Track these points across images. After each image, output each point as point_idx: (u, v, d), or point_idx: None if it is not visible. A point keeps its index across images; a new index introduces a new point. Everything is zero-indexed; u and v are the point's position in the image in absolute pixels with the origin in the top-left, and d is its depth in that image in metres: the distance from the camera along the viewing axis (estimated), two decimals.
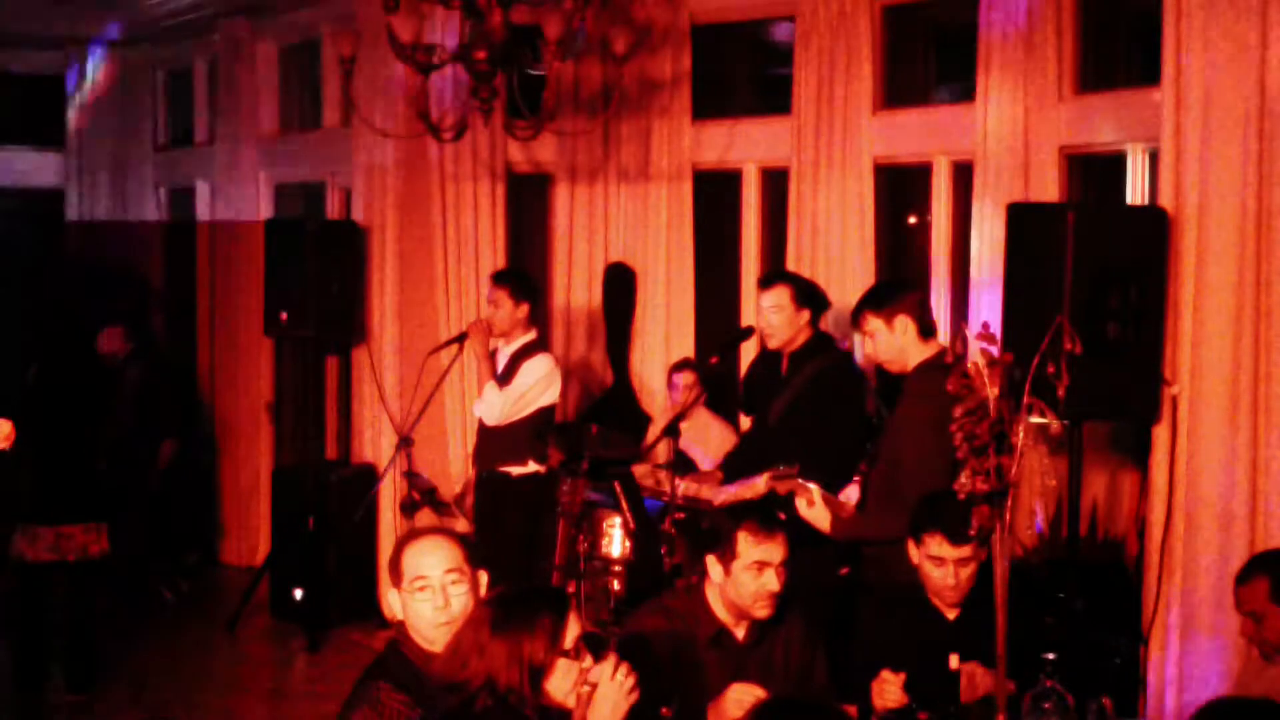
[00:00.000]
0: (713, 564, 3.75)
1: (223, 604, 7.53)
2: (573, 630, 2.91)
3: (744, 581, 3.69)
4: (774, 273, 5.71)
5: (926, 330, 4.57)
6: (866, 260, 6.31)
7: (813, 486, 4.44)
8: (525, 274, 6.49)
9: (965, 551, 3.78)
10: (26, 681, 6.10)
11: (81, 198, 10.04)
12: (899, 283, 4.96)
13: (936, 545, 3.80)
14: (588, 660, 2.92)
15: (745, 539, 3.67)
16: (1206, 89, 4.72)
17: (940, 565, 3.81)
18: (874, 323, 4.55)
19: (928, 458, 4.23)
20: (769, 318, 5.27)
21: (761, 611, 3.72)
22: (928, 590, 3.88)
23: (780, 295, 5.25)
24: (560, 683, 2.88)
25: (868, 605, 4.22)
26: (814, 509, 4.40)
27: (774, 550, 3.68)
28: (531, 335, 6.19)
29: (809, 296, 5.32)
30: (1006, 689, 3.24)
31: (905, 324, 4.51)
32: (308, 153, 8.33)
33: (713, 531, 3.82)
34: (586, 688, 2.90)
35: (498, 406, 6.03)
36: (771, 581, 3.67)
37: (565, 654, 2.88)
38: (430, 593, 3.14)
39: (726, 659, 3.75)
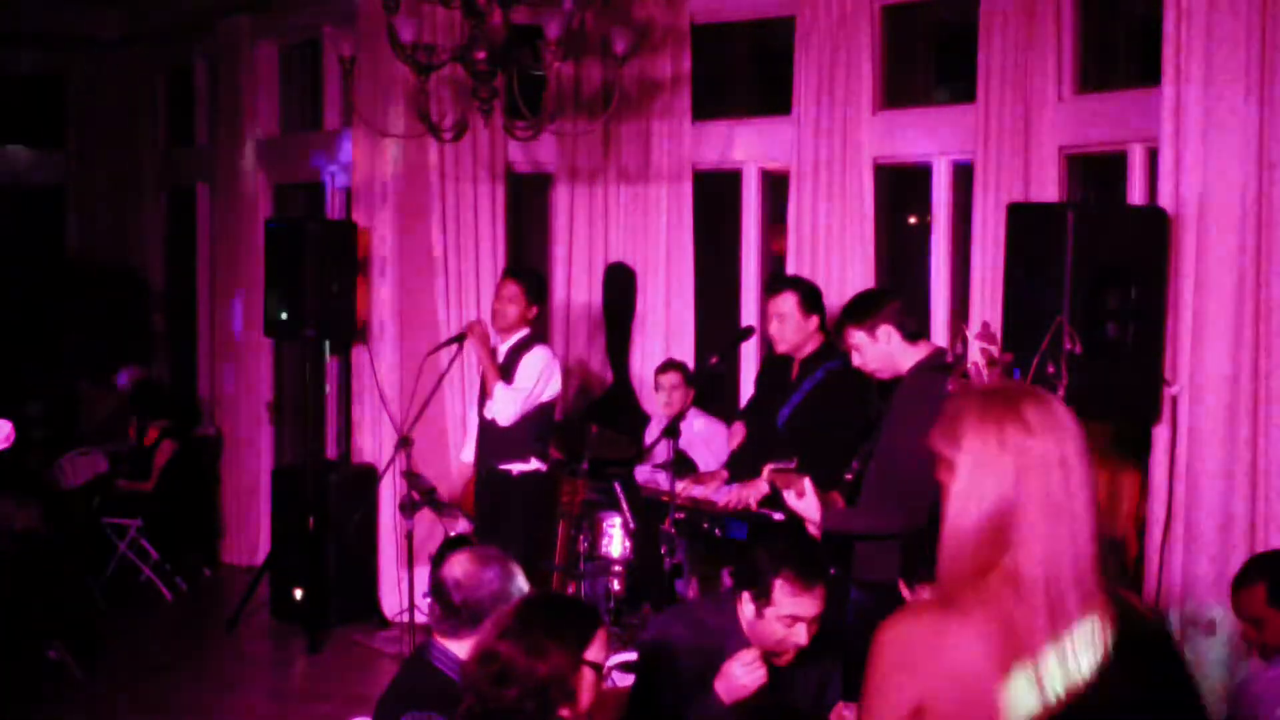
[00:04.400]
0: (746, 601, 3.70)
1: (223, 604, 7.53)
2: (605, 650, 2.93)
3: (774, 629, 3.61)
4: (779, 279, 5.65)
5: (910, 334, 4.53)
6: (866, 260, 6.32)
7: (804, 479, 4.43)
8: (539, 275, 6.51)
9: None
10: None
11: (81, 198, 10.05)
12: (877, 293, 4.91)
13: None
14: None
15: (782, 589, 3.57)
16: (1206, 89, 4.72)
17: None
18: (857, 336, 4.52)
19: (924, 456, 4.22)
20: (776, 325, 5.25)
21: (782, 658, 3.67)
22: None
23: (787, 302, 5.23)
24: (585, 697, 2.90)
25: (866, 605, 4.21)
26: (804, 500, 4.38)
27: (810, 605, 3.57)
28: (527, 330, 6.21)
29: (816, 301, 5.30)
30: None
31: (888, 332, 4.48)
32: (308, 153, 8.33)
33: (750, 567, 3.74)
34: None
35: (509, 405, 6.03)
36: (800, 635, 3.58)
37: (599, 670, 2.89)
38: None
39: None
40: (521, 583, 3.31)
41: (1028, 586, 1.93)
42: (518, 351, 6.14)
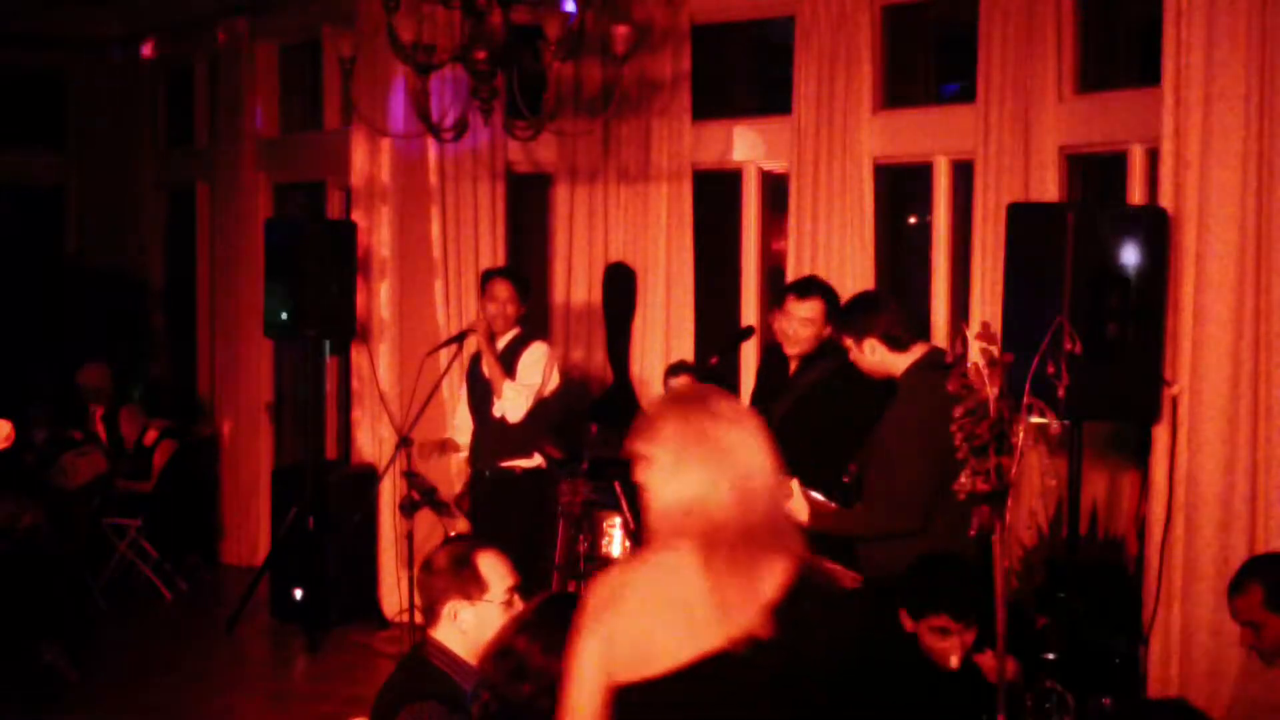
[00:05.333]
0: None
1: (223, 604, 7.53)
2: None
3: None
4: (811, 284, 5.43)
5: (897, 344, 4.52)
6: (866, 260, 6.31)
7: (793, 482, 4.44)
8: (523, 274, 6.54)
9: (969, 621, 3.73)
10: None
11: (82, 198, 10.04)
12: (868, 302, 4.82)
13: (942, 623, 3.74)
14: None
15: None
16: (1206, 89, 4.72)
17: (945, 638, 3.76)
18: (848, 342, 4.58)
19: (911, 458, 4.23)
20: (799, 329, 5.18)
21: None
22: (930, 654, 3.82)
23: (816, 308, 5.14)
24: None
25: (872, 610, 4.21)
26: (791, 501, 4.39)
27: None
28: (519, 328, 6.25)
29: (838, 311, 5.27)
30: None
31: (873, 346, 4.50)
32: (308, 153, 8.33)
33: None
34: None
35: (519, 400, 6.05)
36: None
37: None
38: (516, 599, 3.16)
39: None
40: (488, 572, 3.25)
41: (717, 551, 2.22)
42: (515, 349, 6.17)
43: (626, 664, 2.23)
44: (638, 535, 6.08)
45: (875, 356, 4.51)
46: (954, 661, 3.69)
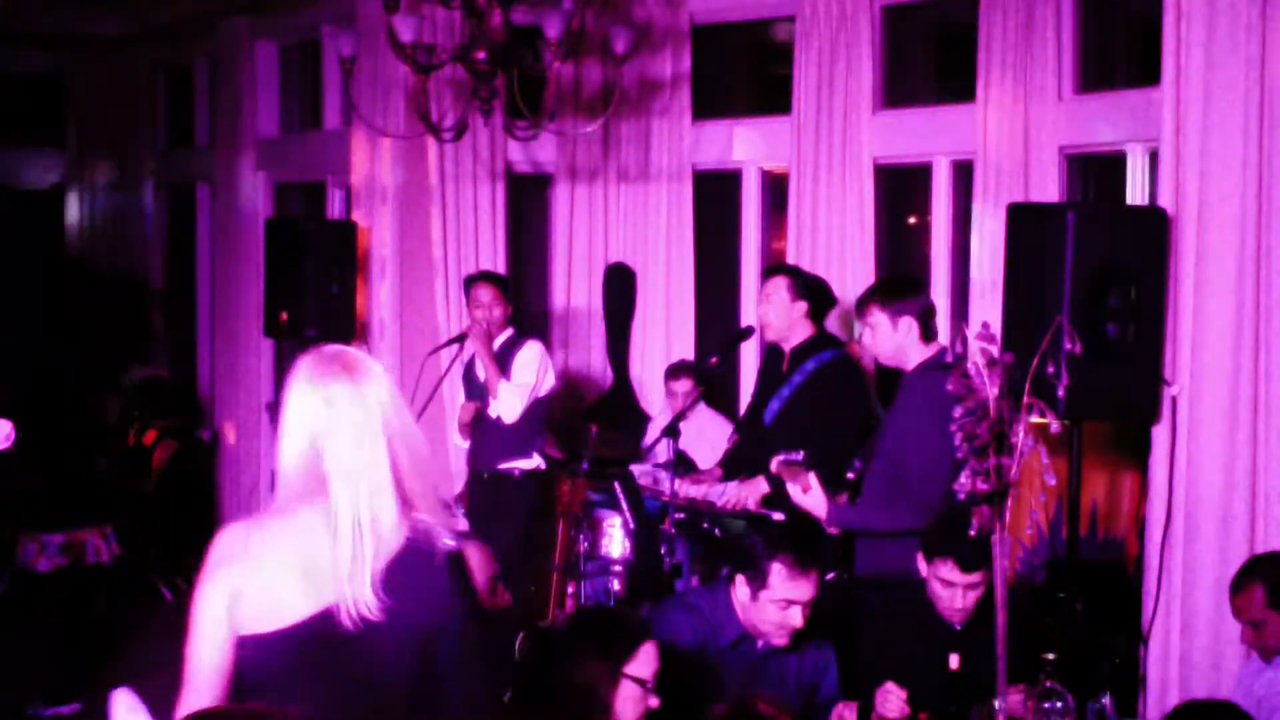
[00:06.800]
0: (740, 584, 3.74)
1: None
2: (652, 664, 2.92)
3: (769, 613, 3.67)
4: (775, 265, 5.69)
5: (929, 334, 4.56)
6: (866, 260, 6.32)
7: (810, 474, 4.45)
8: (504, 276, 6.56)
9: (975, 578, 3.77)
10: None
11: (81, 198, 10.05)
12: (910, 283, 4.89)
13: (948, 570, 3.79)
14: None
15: (779, 573, 3.65)
16: (1206, 89, 4.72)
17: (949, 588, 3.80)
18: (879, 316, 4.56)
19: (935, 454, 4.23)
20: (764, 308, 5.30)
21: (778, 640, 3.70)
22: (935, 606, 3.87)
23: (777, 285, 5.27)
24: (625, 708, 2.89)
25: (874, 604, 4.21)
26: (810, 495, 4.39)
27: (805, 589, 3.66)
28: (511, 329, 6.27)
29: (808, 290, 5.31)
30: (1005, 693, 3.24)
31: (910, 325, 4.51)
32: (308, 153, 8.33)
33: (745, 552, 3.80)
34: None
35: (514, 400, 6.05)
36: (795, 618, 3.66)
37: (644, 684, 2.88)
38: (501, 590, 3.20)
39: (744, 665, 3.75)
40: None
41: (338, 510, 2.32)
42: (509, 349, 6.17)
43: (253, 618, 2.33)
44: (638, 535, 6.09)
45: (906, 339, 4.50)
46: (953, 663, 3.70)
